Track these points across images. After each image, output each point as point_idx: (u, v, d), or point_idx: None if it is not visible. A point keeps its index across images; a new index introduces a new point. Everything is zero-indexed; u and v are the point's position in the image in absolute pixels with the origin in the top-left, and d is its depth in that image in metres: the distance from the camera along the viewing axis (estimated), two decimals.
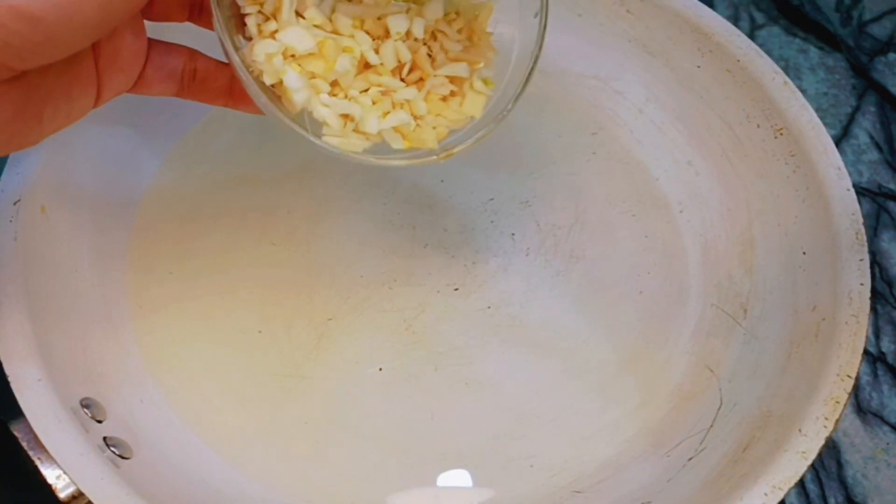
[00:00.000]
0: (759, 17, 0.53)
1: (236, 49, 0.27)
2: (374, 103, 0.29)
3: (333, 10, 0.28)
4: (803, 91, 0.40)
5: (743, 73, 0.40)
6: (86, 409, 0.32)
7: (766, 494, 0.29)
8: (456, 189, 0.42)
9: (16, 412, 0.30)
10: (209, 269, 0.39)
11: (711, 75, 0.41)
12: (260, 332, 0.37)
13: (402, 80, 0.29)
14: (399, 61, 0.29)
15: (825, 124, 0.38)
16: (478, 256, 0.40)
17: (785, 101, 0.39)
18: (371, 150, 0.29)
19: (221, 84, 0.31)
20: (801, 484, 0.39)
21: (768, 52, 0.40)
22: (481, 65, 0.30)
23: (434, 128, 0.29)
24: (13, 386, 0.30)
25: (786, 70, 0.43)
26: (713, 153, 0.42)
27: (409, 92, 0.29)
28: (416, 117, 0.29)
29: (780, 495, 0.29)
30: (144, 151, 0.41)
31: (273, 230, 0.40)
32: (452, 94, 0.30)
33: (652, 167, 0.43)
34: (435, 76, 0.29)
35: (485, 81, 0.30)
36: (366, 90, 0.29)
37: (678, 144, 0.43)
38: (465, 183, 0.42)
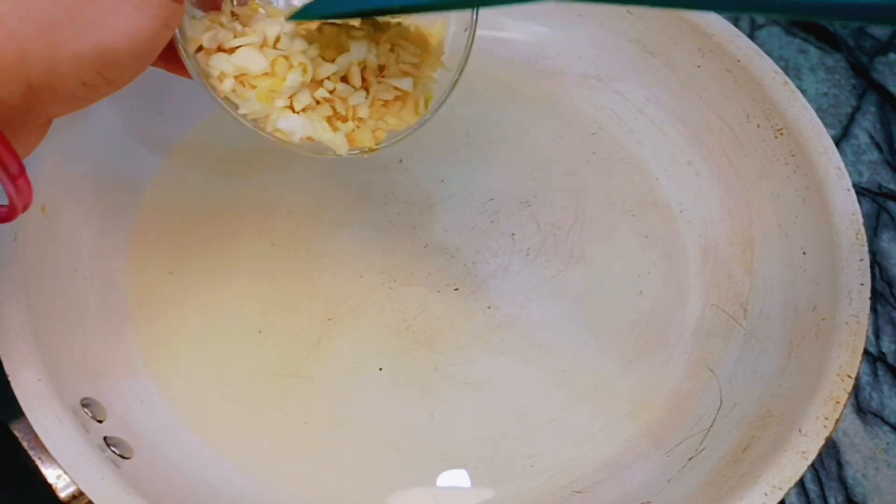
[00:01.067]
0: (760, 17, 0.53)
1: (183, 38, 0.29)
2: (318, 103, 0.30)
3: (292, 35, 0.30)
4: (803, 91, 0.40)
5: (743, 73, 0.40)
6: (86, 409, 0.32)
7: (766, 494, 0.29)
8: (456, 189, 0.42)
9: (16, 412, 0.30)
10: (209, 269, 0.39)
11: (711, 75, 0.41)
12: (260, 332, 0.37)
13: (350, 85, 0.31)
14: (352, 84, 0.31)
15: (825, 124, 0.38)
16: (478, 256, 0.40)
17: (785, 101, 0.39)
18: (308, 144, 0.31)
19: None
20: (801, 484, 0.39)
21: (768, 52, 0.40)
22: (429, 77, 0.32)
23: (374, 131, 0.31)
24: (13, 386, 0.30)
25: (786, 70, 0.43)
26: (713, 153, 0.42)
27: (358, 97, 0.31)
28: (358, 119, 0.31)
29: (780, 495, 0.29)
30: (144, 152, 0.41)
31: (273, 230, 0.40)
32: (396, 98, 0.32)
33: (652, 167, 0.43)
34: (380, 82, 0.31)
35: (426, 100, 0.32)
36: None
37: (678, 144, 0.43)
38: (465, 183, 0.42)
